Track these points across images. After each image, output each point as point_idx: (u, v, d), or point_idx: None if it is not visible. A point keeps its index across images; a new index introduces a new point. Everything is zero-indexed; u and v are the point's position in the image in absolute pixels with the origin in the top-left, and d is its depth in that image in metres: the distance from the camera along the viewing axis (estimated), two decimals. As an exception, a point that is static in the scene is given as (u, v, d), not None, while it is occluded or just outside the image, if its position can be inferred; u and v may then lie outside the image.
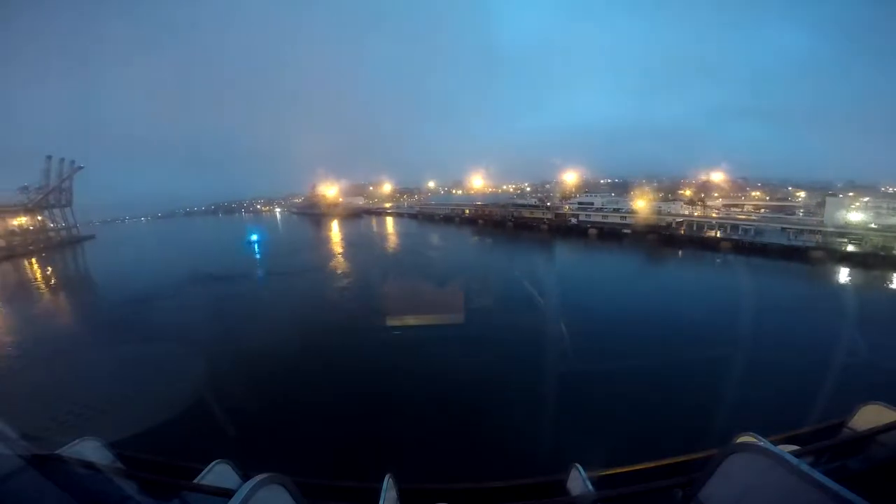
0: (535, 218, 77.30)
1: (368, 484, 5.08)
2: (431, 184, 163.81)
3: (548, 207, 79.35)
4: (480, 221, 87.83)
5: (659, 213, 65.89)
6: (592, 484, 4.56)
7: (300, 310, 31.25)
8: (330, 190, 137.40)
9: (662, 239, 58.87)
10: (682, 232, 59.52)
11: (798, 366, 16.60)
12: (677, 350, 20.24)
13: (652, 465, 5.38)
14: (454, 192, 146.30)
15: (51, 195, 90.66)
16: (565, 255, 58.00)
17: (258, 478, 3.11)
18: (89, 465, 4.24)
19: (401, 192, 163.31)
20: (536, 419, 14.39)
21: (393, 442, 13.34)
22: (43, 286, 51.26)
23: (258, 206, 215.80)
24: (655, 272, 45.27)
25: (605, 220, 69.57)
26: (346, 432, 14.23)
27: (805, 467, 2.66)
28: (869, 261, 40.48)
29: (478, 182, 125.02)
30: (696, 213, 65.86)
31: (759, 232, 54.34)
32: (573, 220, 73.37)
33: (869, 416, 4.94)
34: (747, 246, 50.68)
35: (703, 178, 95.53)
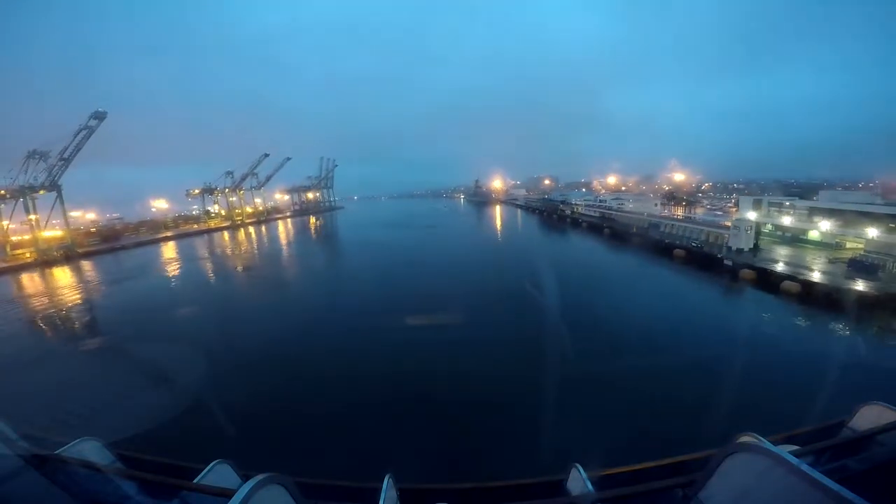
0: (559, 210, 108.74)
1: (368, 484, 5.07)
2: (584, 180, 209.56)
3: (565, 203, 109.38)
4: (543, 211, 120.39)
5: (631, 211, 76.95)
6: (592, 484, 4.55)
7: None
8: (495, 183, 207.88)
9: (618, 233, 67.46)
10: (634, 230, 65.10)
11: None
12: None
13: (652, 465, 5.37)
14: (600, 188, 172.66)
15: (321, 181, 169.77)
16: (558, 234, 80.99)
17: (258, 478, 3.10)
18: (89, 465, 4.23)
19: (568, 186, 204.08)
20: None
21: (393, 441, 13.33)
22: (321, 223, 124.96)
23: (453, 193, 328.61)
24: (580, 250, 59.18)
25: (593, 214, 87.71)
26: (347, 430, 14.25)
27: (805, 467, 2.64)
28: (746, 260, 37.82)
29: (611, 180, 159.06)
30: (665, 213, 72.51)
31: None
32: (567, 212, 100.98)
33: (869, 416, 4.94)
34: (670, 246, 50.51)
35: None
